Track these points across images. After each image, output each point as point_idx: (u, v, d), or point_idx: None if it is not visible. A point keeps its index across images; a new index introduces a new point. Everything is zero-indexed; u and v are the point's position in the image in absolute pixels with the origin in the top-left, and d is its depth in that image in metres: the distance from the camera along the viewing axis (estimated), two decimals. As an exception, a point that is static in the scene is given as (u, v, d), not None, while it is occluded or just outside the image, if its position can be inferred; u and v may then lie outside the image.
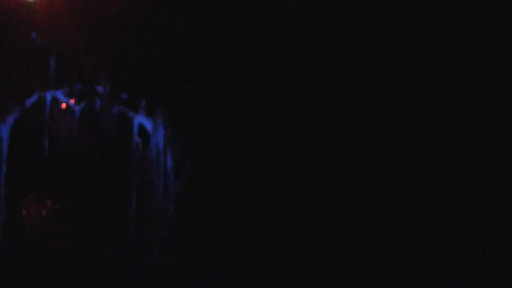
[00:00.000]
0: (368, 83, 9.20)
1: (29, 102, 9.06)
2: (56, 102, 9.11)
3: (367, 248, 8.98)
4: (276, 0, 9.23)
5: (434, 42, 9.18)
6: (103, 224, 9.03)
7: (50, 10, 9.12)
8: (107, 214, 9.05)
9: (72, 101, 9.12)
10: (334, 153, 9.29)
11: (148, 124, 9.24)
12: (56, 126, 9.07)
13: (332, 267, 8.95)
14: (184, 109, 9.27)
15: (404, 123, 9.23)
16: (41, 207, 8.97)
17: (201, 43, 9.22)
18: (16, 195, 8.93)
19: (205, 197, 9.18)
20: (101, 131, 9.12)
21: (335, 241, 9.05)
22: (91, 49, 9.16)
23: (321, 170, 9.22)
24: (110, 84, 9.18)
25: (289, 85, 9.22)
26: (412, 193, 9.01)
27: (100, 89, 9.16)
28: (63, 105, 9.12)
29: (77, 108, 9.12)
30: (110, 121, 9.14)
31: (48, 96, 9.08)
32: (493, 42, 9.08)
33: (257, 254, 8.98)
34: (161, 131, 9.23)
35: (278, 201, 9.20)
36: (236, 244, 9.09)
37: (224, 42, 9.19)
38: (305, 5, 9.20)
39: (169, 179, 9.20)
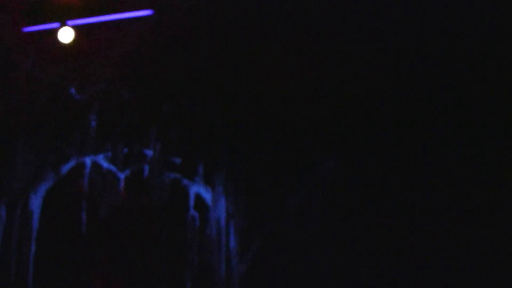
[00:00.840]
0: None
1: (65, 168, 7.61)
2: (96, 168, 7.62)
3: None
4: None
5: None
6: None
7: (90, 58, 7.63)
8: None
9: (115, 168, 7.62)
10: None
11: (207, 195, 7.66)
12: (96, 197, 7.59)
13: None
14: (251, 176, 7.66)
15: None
16: (78, 296, 7.49)
17: (270, 96, 7.58)
18: (47, 281, 7.46)
19: (276, 283, 7.54)
20: (150, 204, 7.60)
21: None
22: (137, 104, 7.63)
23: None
24: (160, 146, 7.63)
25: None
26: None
27: (148, 152, 7.62)
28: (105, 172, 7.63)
29: (122, 176, 7.61)
30: (161, 191, 7.61)
31: (88, 161, 7.62)
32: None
33: None
34: (223, 203, 7.64)
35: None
36: None
37: (299, 98, 7.56)
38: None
39: (233, 261, 7.58)
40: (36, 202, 7.54)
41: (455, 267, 7.48)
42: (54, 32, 7.50)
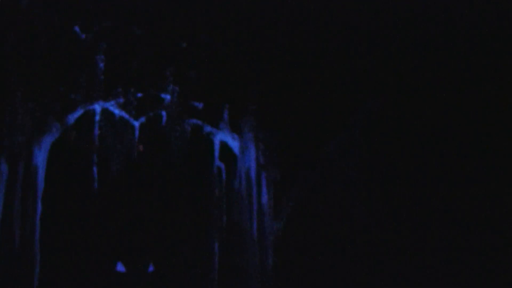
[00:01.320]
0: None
1: (71, 117, 6.77)
2: (107, 116, 6.77)
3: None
4: None
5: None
6: (175, 282, 6.68)
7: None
8: (180, 268, 6.70)
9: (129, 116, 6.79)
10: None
11: (234, 143, 6.84)
12: (108, 149, 6.75)
13: None
14: (284, 120, 6.81)
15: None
16: (90, 260, 6.66)
17: (304, 29, 6.70)
18: (55, 244, 6.64)
19: (313, 242, 6.74)
20: (169, 154, 6.76)
21: None
22: (151, 42, 6.76)
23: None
24: (178, 89, 6.77)
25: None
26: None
27: (165, 96, 6.76)
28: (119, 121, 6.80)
29: (136, 124, 6.76)
30: (181, 140, 6.78)
31: (97, 108, 6.78)
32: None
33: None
34: (252, 152, 6.82)
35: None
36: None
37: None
38: None
39: (266, 218, 6.77)
40: (40, 157, 6.70)
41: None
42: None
